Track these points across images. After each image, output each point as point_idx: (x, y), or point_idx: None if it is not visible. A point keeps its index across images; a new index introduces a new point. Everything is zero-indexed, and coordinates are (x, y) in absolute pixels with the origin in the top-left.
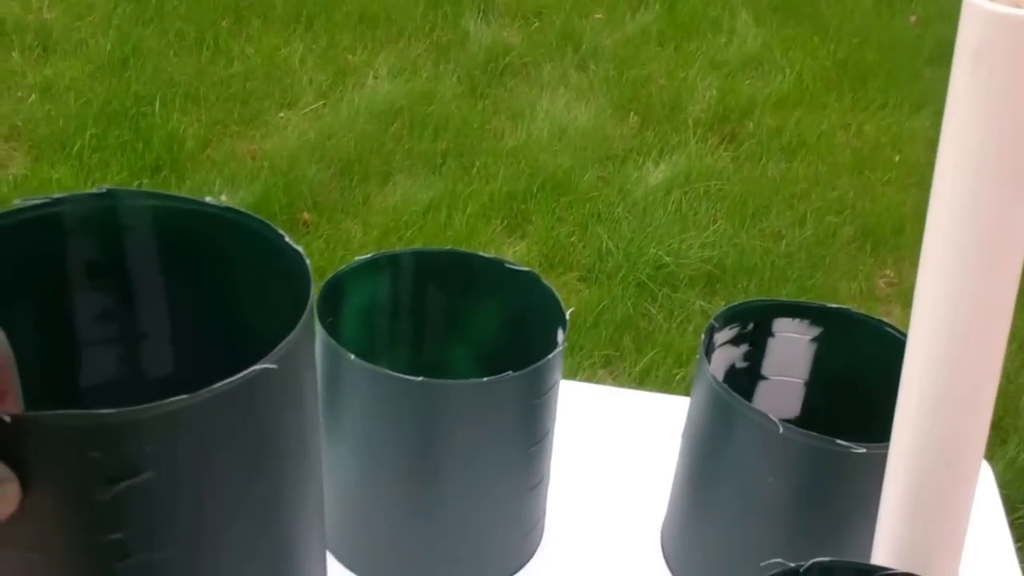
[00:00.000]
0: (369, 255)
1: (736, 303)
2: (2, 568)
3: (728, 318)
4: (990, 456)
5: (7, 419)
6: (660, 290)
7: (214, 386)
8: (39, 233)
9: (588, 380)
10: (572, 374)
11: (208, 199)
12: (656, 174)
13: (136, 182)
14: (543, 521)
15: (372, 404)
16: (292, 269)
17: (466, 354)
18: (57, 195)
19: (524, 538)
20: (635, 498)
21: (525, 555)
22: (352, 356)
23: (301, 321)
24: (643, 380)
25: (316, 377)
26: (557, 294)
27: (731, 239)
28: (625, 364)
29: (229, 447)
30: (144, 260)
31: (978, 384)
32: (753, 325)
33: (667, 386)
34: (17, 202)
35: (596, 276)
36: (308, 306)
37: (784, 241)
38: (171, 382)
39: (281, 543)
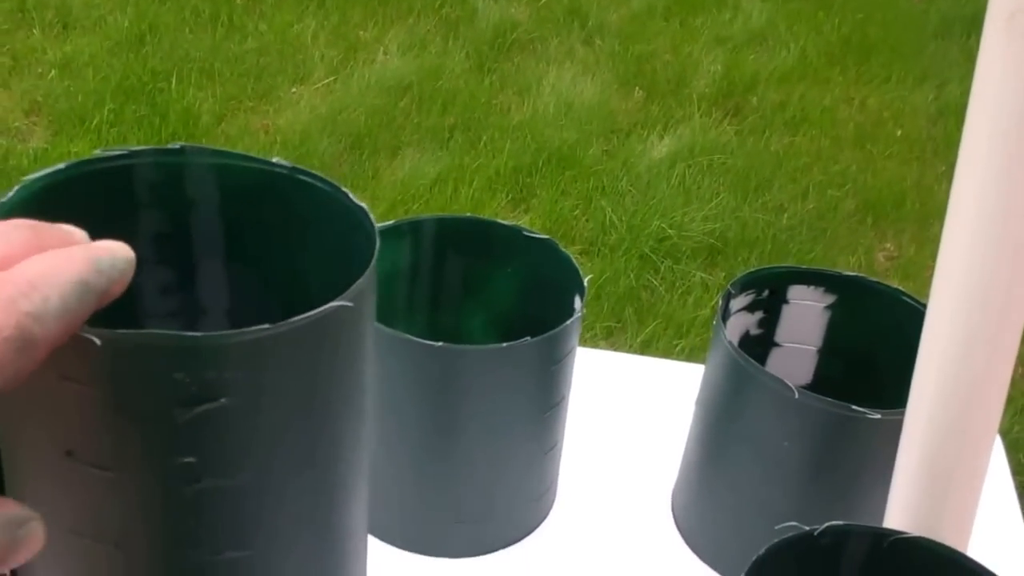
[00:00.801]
0: (391, 222)
1: (752, 269)
2: (73, 486)
3: (744, 284)
4: None
5: (97, 341)
6: (662, 262)
7: (294, 319)
8: (113, 184)
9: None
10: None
11: (275, 159)
12: (660, 148)
13: None
14: (556, 485)
15: (391, 369)
16: (357, 227)
17: (483, 320)
18: (132, 148)
19: (537, 501)
20: (647, 463)
21: (538, 518)
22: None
23: (370, 267)
24: (644, 351)
25: (374, 330)
26: (575, 262)
27: (733, 212)
28: (626, 335)
29: (304, 381)
30: (208, 223)
31: (997, 355)
32: (768, 292)
33: (668, 357)
34: (97, 152)
35: (599, 249)
36: (375, 254)
37: (786, 214)
38: None
39: (337, 485)
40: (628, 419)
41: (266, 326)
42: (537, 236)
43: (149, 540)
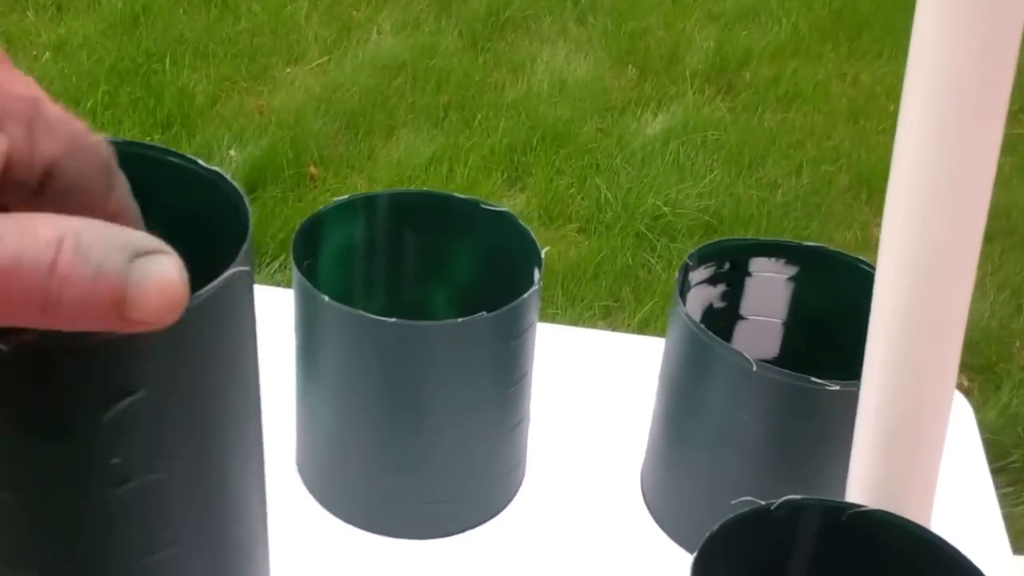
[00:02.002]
0: (345, 196)
1: (711, 241)
2: None
3: (703, 257)
4: (984, 401)
5: (4, 348)
6: (658, 240)
7: (202, 291)
8: None
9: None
10: (572, 325)
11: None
12: (654, 125)
13: (148, 138)
14: (524, 463)
15: (347, 346)
16: (214, 192)
17: (445, 296)
18: None
19: (504, 479)
20: (616, 439)
21: (506, 497)
22: (326, 298)
23: (249, 233)
24: (642, 330)
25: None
26: (532, 234)
27: (728, 189)
28: (624, 315)
29: (211, 358)
30: None
31: (947, 318)
32: (729, 264)
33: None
34: None
35: (595, 227)
36: (248, 217)
37: (780, 190)
38: None
39: (241, 458)
40: (598, 395)
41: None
42: (495, 209)
43: (79, 557)
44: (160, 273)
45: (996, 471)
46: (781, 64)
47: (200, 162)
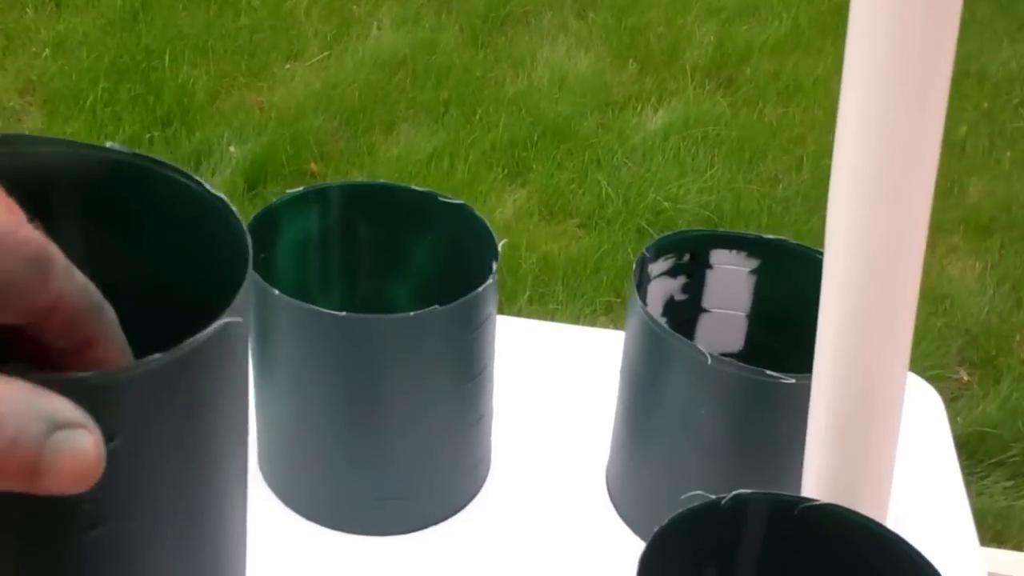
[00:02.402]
0: (298, 189)
1: (669, 232)
2: None
3: (660, 249)
4: (984, 395)
5: None
6: (659, 235)
7: (187, 342)
8: None
9: (590, 327)
10: (574, 321)
11: (110, 144)
12: (655, 120)
13: (147, 135)
14: (488, 458)
15: (301, 341)
16: (217, 219)
17: (405, 290)
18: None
19: (467, 475)
20: (582, 434)
21: (469, 493)
22: (277, 292)
23: (247, 274)
24: None
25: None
26: (490, 226)
27: (728, 184)
28: (625, 311)
29: (194, 408)
30: (59, 214)
31: (896, 308)
32: (689, 256)
33: None
34: None
35: (596, 222)
36: (249, 259)
37: (781, 185)
38: None
39: (223, 505)
40: (563, 390)
41: (157, 356)
42: (451, 201)
43: None
44: (74, 449)
45: (995, 465)
46: (781, 59)
47: (205, 184)
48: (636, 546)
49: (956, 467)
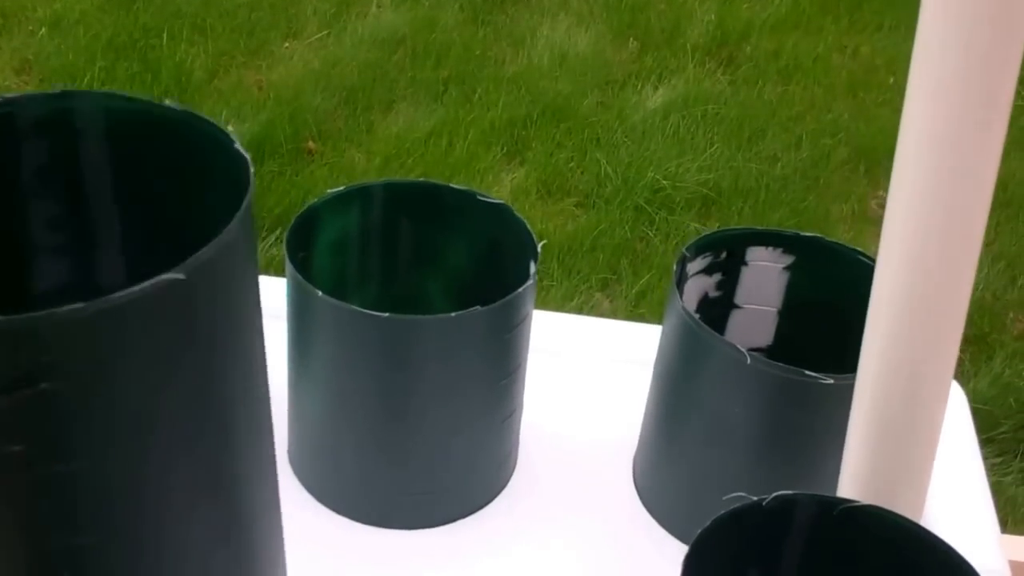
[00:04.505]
0: (341, 188)
1: (709, 232)
2: None
3: (700, 247)
4: (975, 371)
5: None
6: (657, 213)
7: (112, 295)
8: None
9: (584, 303)
10: (568, 298)
11: (167, 101)
12: (655, 99)
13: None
14: (516, 453)
15: (340, 340)
16: (238, 177)
17: (440, 288)
18: (10, 95)
19: (496, 470)
20: (608, 429)
21: (497, 487)
22: (319, 292)
23: (220, 237)
24: (639, 302)
25: (255, 288)
26: (529, 226)
27: (727, 162)
28: (622, 287)
29: (136, 358)
30: (97, 164)
31: (947, 311)
32: (726, 254)
33: (661, 307)
34: None
35: (594, 201)
36: (241, 213)
37: (779, 164)
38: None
39: (216, 464)
40: (590, 384)
41: (79, 305)
42: (491, 200)
43: None
44: None
45: (985, 441)
46: (781, 37)
47: (236, 143)
48: (664, 540)
49: (980, 463)
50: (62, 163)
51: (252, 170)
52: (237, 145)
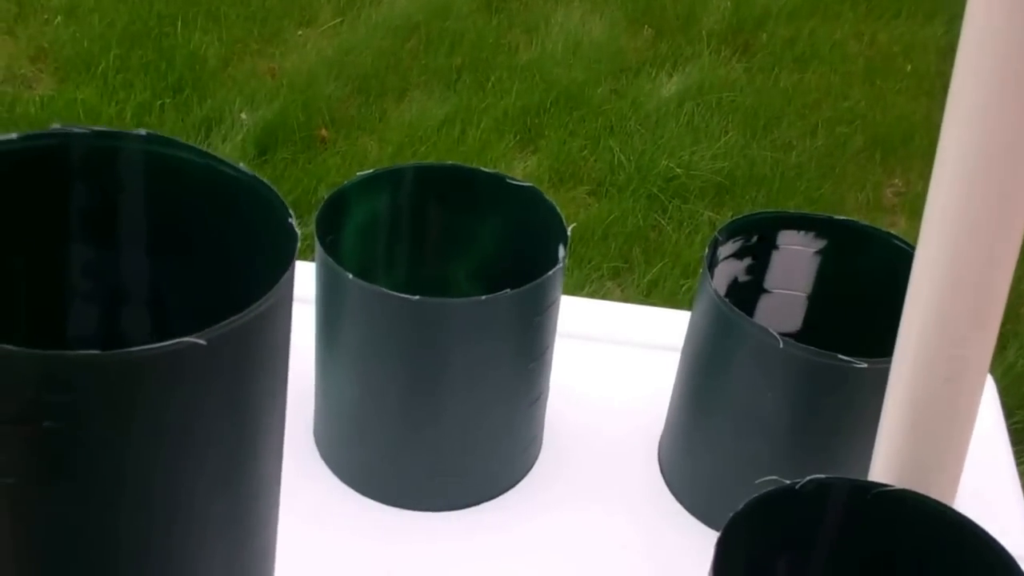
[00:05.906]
0: (370, 171)
1: (741, 215)
2: None
3: (732, 231)
4: None
5: None
6: (670, 202)
7: (130, 349)
8: (40, 167)
9: (596, 292)
10: (580, 287)
11: (241, 165)
12: (669, 86)
13: (159, 101)
14: (541, 435)
15: (370, 323)
16: (285, 250)
17: (467, 271)
18: (59, 127)
19: (522, 452)
20: (634, 412)
21: (523, 469)
22: (350, 276)
23: (251, 307)
24: (650, 291)
25: (285, 353)
26: (559, 209)
27: (742, 150)
28: (633, 276)
29: (144, 412)
30: (133, 212)
31: (987, 299)
32: (757, 238)
33: (673, 297)
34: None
35: (607, 189)
36: (279, 286)
37: (794, 152)
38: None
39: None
40: (616, 368)
41: (94, 352)
42: (521, 184)
43: None
44: None
45: None
46: (798, 24)
47: (290, 214)
48: (690, 525)
49: (1008, 448)
50: (104, 210)
51: (298, 246)
52: (292, 220)
